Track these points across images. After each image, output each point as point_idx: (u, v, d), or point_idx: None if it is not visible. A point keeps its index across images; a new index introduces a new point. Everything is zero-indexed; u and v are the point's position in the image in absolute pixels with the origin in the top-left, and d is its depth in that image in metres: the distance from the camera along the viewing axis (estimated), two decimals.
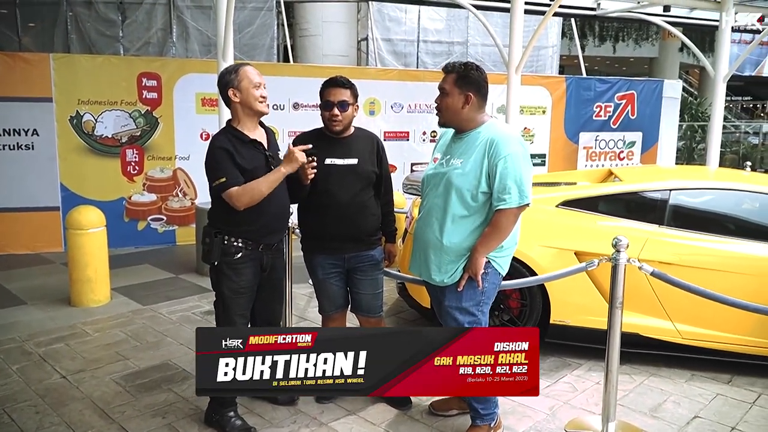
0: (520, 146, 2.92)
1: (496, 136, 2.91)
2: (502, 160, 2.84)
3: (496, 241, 2.93)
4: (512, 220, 2.90)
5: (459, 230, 2.95)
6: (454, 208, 2.95)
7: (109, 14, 10.76)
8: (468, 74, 2.96)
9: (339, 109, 3.21)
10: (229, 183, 2.96)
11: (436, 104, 3.06)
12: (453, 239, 2.95)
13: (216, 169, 3.00)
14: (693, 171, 6.24)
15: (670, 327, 4.00)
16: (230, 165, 2.98)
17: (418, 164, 8.67)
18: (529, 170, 2.93)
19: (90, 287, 5.22)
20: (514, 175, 2.84)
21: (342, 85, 3.24)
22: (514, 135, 2.97)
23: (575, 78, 10.04)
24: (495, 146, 2.87)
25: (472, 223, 2.95)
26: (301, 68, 8.73)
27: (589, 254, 3.81)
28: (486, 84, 3.02)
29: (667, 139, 10.51)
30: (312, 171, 3.10)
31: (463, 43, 12.26)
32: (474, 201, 2.93)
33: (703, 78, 25.11)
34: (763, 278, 3.87)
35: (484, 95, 3.01)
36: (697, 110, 16.05)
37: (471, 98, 2.95)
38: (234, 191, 2.96)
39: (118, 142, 7.29)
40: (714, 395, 3.74)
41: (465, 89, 2.95)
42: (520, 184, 2.85)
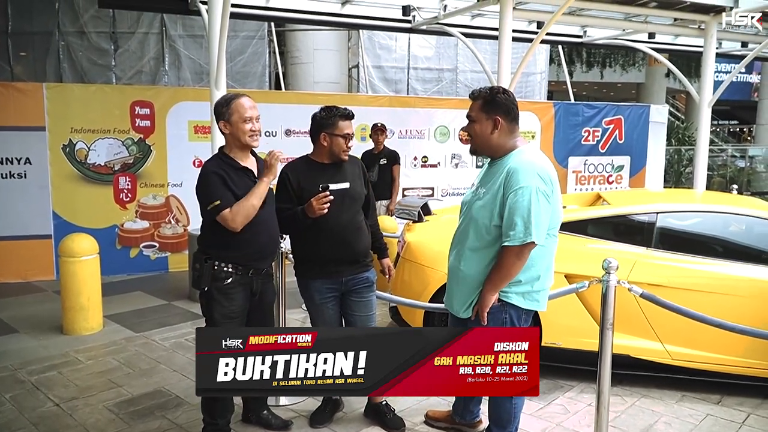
0: (538, 179, 2.77)
1: (517, 165, 2.79)
2: (512, 194, 2.74)
3: (500, 279, 2.83)
4: (514, 258, 2.77)
5: (475, 262, 2.91)
6: (470, 239, 2.93)
7: (101, 43, 10.89)
8: (494, 98, 2.89)
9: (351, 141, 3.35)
10: (223, 205, 3.00)
11: (466, 132, 3.02)
12: (470, 270, 2.92)
13: (209, 193, 3.04)
14: (680, 194, 6.34)
15: (660, 348, 4.05)
16: (223, 188, 3.02)
17: (410, 189, 8.75)
18: (545, 207, 2.77)
19: (83, 315, 5.21)
20: (522, 210, 2.72)
21: (352, 118, 3.35)
22: (536, 166, 2.82)
23: (563, 103, 10.20)
24: (510, 177, 2.77)
25: (486, 256, 2.88)
26: (294, 96, 8.84)
27: (578, 276, 3.86)
28: (515, 106, 2.92)
29: (655, 162, 10.65)
30: (326, 207, 3.14)
31: (453, 69, 12.45)
32: (488, 234, 2.86)
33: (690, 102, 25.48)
34: (750, 299, 3.94)
35: (513, 118, 2.91)
36: (684, 134, 16.28)
37: (500, 122, 2.88)
38: (228, 213, 2.99)
39: (111, 170, 7.33)
40: (704, 415, 3.77)
41: (492, 114, 2.88)
42: (527, 220, 2.71)
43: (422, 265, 4.44)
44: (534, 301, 2.97)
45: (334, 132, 3.31)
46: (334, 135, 3.31)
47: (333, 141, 3.32)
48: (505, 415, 3.09)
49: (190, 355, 4.75)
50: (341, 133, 3.30)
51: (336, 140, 3.31)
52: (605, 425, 3.22)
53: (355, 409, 3.73)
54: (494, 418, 3.14)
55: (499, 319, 2.93)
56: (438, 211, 5.34)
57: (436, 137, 8.96)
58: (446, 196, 8.90)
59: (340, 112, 3.34)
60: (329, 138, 3.32)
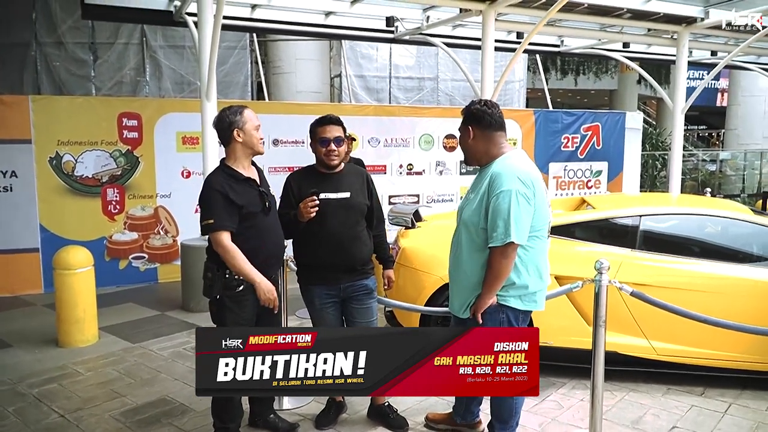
0: (519, 182, 2.91)
1: (500, 170, 2.97)
2: (495, 197, 2.91)
3: (492, 280, 2.96)
4: (499, 258, 2.91)
5: (471, 264, 3.06)
6: (464, 242, 3.09)
7: (80, 54, 10.85)
8: (469, 109, 3.12)
9: (335, 145, 3.40)
10: (215, 226, 3.11)
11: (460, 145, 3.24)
12: (467, 273, 3.07)
13: (207, 209, 3.15)
14: (659, 198, 6.59)
15: (646, 344, 4.24)
16: (220, 208, 3.12)
17: (396, 197, 8.90)
18: (525, 208, 2.90)
19: (78, 327, 5.24)
20: (503, 212, 2.87)
21: (335, 122, 3.45)
22: (518, 170, 2.97)
23: (543, 111, 10.47)
24: (494, 182, 2.95)
25: (481, 258, 3.02)
26: (280, 105, 8.95)
27: (568, 278, 4.04)
28: (487, 115, 3.07)
29: (631, 167, 10.97)
30: (313, 210, 3.27)
31: (434, 78, 12.67)
32: (478, 237, 3.02)
33: (661, 108, 26.13)
34: (727, 296, 4.15)
35: (487, 126, 3.06)
36: (657, 140, 16.70)
37: (471, 130, 3.08)
38: (217, 235, 3.10)
39: (99, 182, 7.35)
40: (689, 407, 3.97)
41: (466, 123, 3.11)
42: (507, 221, 2.86)
43: (417, 269, 4.58)
44: (532, 302, 3.11)
45: (315, 138, 3.45)
46: (315, 141, 3.45)
47: (316, 148, 3.46)
48: (506, 411, 3.23)
49: (189, 363, 4.82)
50: (317, 137, 3.43)
51: (316, 146, 3.45)
52: (599, 418, 3.39)
53: (359, 411, 3.85)
54: (496, 414, 3.28)
55: (497, 319, 3.07)
56: (428, 217, 5.49)
57: (420, 145, 9.13)
58: (431, 202, 9.07)
59: (318, 118, 3.48)
60: (314, 145, 3.47)
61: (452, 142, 9.31)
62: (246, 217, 3.18)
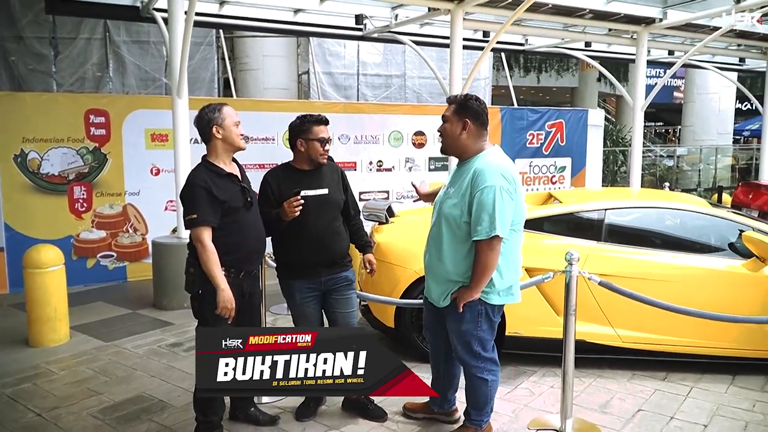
0: (502, 179, 3.02)
1: (483, 166, 3.07)
2: (479, 192, 3.00)
3: (481, 273, 3.05)
4: (486, 251, 3.01)
5: (451, 256, 3.16)
6: (445, 236, 3.18)
7: (40, 49, 10.62)
8: (467, 103, 3.19)
9: (329, 145, 3.54)
10: (197, 221, 3.15)
11: (439, 132, 3.30)
12: (447, 265, 3.17)
13: (190, 205, 3.19)
14: (622, 192, 6.82)
15: (612, 333, 4.43)
16: (204, 203, 3.16)
17: (366, 193, 8.98)
18: (508, 204, 3.02)
19: (50, 326, 5.19)
20: (488, 207, 2.97)
21: (327, 123, 3.55)
22: (501, 167, 3.08)
23: (509, 108, 10.67)
24: (477, 177, 3.05)
25: (462, 250, 3.13)
26: (250, 103, 8.93)
27: (538, 270, 4.19)
28: (484, 113, 3.20)
29: (594, 163, 11.27)
30: (297, 210, 3.34)
31: (401, 75, 12.78)
32: (459, 230, 3.12)
33: (620, 105, 26.75)
34: (687, 284, 4.37)
35: (482, 124, 3.19)
36: (618, 136, 17.14)
37: (468, 125, 3.16)
38: (198, 231, 3.14)
39: (65, 180, 7.25)
40: (653, 390, 4.17)
41: (463, 116, 3.17)
42: (492, 215, 2.96)
43: (392, 264, 4.68)
44: (509, 296, 3.25)
45: (309, 137, 3.51)
46: (309, 140, 3.51)
47: (309, 146, 3.52)
48: (481, 398, 3.36)
49: (165, 361, 4.83)
50: (316, 137, 3.50)
51: (312, 144, 3.51)
52: (570, 403, 3.55)
53: (338, 403, 3.93)
54: (471, 401, 3.41)
55: (475, 310, 3.20)
56: (401, 212, 5.60)
57: (390, 142, 9.23)
58: (402, 199, 9.18)
59: (314, 117, 3.55)
60: (305, 143, 3.52)
61: (421, 139, 9.43)
62: (228, 212, 3.23)
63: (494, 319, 3.25)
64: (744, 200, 8.94)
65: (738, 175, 18.12)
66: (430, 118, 9.37)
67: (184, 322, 5.73)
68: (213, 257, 3.15)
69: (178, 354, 4.97)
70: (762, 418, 3.78)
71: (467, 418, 3.44)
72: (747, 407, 3.94)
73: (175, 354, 4.97)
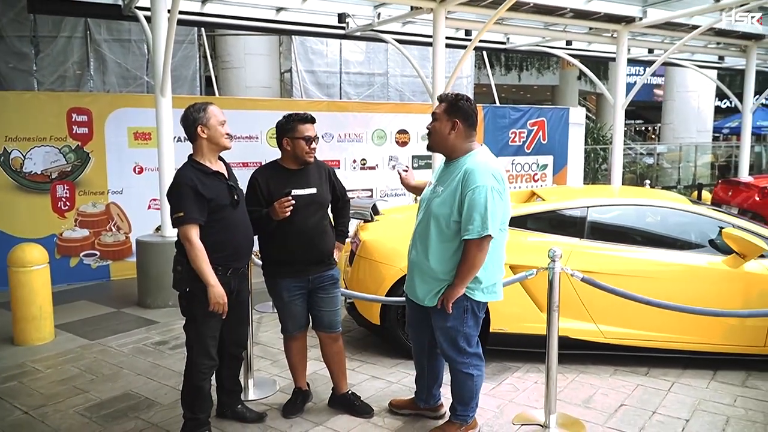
0: (492, 179, 3.06)
1: (473, 166, 3.09)
2: (470, 192, 3.03)
3: (468, 271, 3.09)
4: (476, 250, 3.05)
5: (439, 255, 3.18)
6: (433, 234, 3.20)
7: (21, 48, 10.54)
8: (458, 103, 3.21)
9: (315, 143, 3.55)
10: (184, 219, 3.16)
11: (428, 129, 3.32)
12: (434, 263, 3.19)
13: (177, 203, 3.20)
14: (603, 190, 6.91)
15: (594, 328, 4.50)
16: (191, 201, 3.17)
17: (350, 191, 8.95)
18: (499, 204, 3.06)
19: (35, 325, 5.17)
20: (479, 206, 3.00)
21: (313, 122, 3.56)
22: (490, 167, 3.10)
23: (491, 107, 10.75)
24: (468, 177, 3.07)
25: (450, 249, 3.16)
26: (234, 101, 8.91)
27: (522, 267, 4.24)
28: (474, 114, 3.24)
29: (575, 161, 11.40)
30: (288, 210, 3.37)
31: (384, 74, 12.81)
32: (448, 229, 3.15)
33: (601, 104, 27.03)
34: (668, 281, 4.45)
35: (471, 124, 3.22)
36: (598, 134, 17.32)
37: (458, 125, 3.19)
38: (185, 229, 3.14)
39: (48, 178, 7.20)
40: (635, 386, 4.25)
41: (453, 116, 3.20)
42: (483, 215, 2.99)
43: (377, 261, 4.71)
44: (492, 294, 3.29)
45: (295, 135, 3.53)
46: (295, 138, 3.53)
47: (295, 144, 3.54)
48: (467, 394, 3.41)
49: (151, 359, 4.83)
50: (301, 135, 3.52)
51: (297, 143, 3.53)
52: (553, 398, 3.61)
53: (325, 399, 3.96)
54: (457, 397, 3.45)
55: (461, 306, 3.24)
56: (385, 210, 5.64)
57: (373, 140, 9.26)
58: (386, 197, 9.22)
59: (300, 116, 3.57)
60: (291, 142, 3.55)
61: (404, 138, 9.47)
62: (215, 210, 3.24)
63: (479, 315, 3.30)
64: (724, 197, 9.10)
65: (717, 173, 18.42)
66: (413, 116, 9.41)
67: (169, 320, 5.73)
68: (201, 254, 3.16)
69: (164, 352, 4.97)
70: (743, 413, 3.86)
71: (453, 413, 3.49)
72: (728, 402, 4.01)
73: (161, 352, 4.97)
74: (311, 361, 4.25)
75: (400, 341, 4.66)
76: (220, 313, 3.23)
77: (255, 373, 4.33)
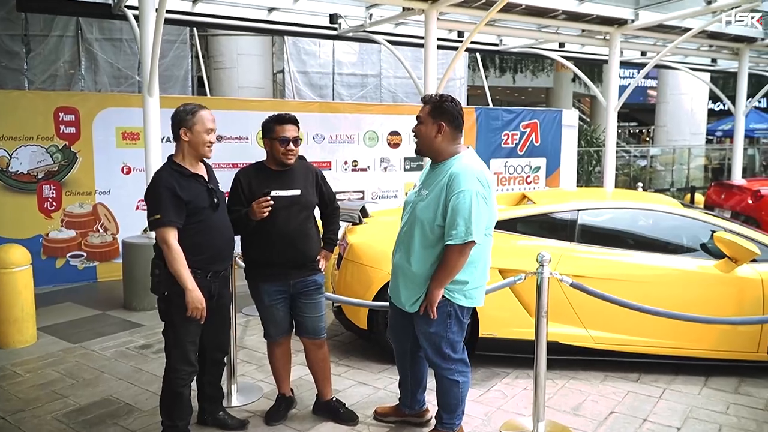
0: (478, 183, 2.99)
1: (457, 170, 3.02)
2: (454, 196, 2.96)
3: (446, 275, 3.03)
4: (457, 256, 2.98)
5: (422, 259, 3.11)
6: (417, 238, 3.12)
7: (12, 46, 10.47)
8: (442, 105, 3.13)
9: (294, 144, 3.45)
10: (161, 222, 3.09)
11: (414, 132, 3.25)
12: (417, 267, 3.12)
13: (154, 205, 3.13)
14: (595, 193, 6.86)
15: (585, 334, 4.44)
16: (168, 204, 3.10)
17: (341, 193, 8.92)
18: (483, 208, 2.99)
19: (17, 327, 5.07)
20: (464, 211, 2.93)
21: (294, 122, 3.48)
22: (476, 171, 3.03)
23: (484, 108, 10.68)
24: (452, 181, 3.00)
25: (433, 254, 3.09)
26: (225, 101, 8.82)
27: (511, 271, 4.17)
28: (460, 115, 3.16)
29: (568, 163, 11.34)
30: (266, 210, 3.29)
31: (377, 75, 12.75)
32: (432, 233, 3.07)
33: (594, 106, 27.03)
34: (659, 285, 4.39)
35: (457, 126, 3.15)
36: (592, 136, 17.30)
37: (443, 127, 3.11)
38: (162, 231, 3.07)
39: (35, 178, 7.09)
40: (626, 392, 4.18)
41: (438, 119, 3.12)
42: (468, 220, 2.92)
43: (365, 265, 4.64)
44: (472, 299, 3.20)
45: (272, 136, 3.46)
46: (272, 139, 3.46)
47: (272, 145, 3.47)
48: (453, 401, 3.34)
49: (133, 363, 4.74)
50: (277, 136, 3.44)
51: (274, 144, 3.46)
52: (542, 405, 3.54)
53: (309, 406, 3.88)
54: (443, 404, 3.38)
55: (444, 312, 3.16)
56: (375, 213, 5.56)
57: (365, 142, 9.18)
58: (377, 199, 9.14)
59: (277, 117, 3.50)
60: (269, 143, 3.48)
61: (396, 139, 9.40)
62: (193, 213, 3.17)
63: (464, 320, 3.23)
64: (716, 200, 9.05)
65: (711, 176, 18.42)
66: (405, 118, 9.34)
67: (154, 323, 5.63)
68: (179, 258, 3.08)
69: (147, 356, 4.89)
70: (735, 421, 3.79)
71: (438, 421, 3.42)
72: (721, 409, 3.95)
73: (144, 356, 4.88)
74: (297, 366, 4.19)
75: (388, 346, 4.58)
76: (199, 318, 3.15)
77: (239, 378, 4.24)
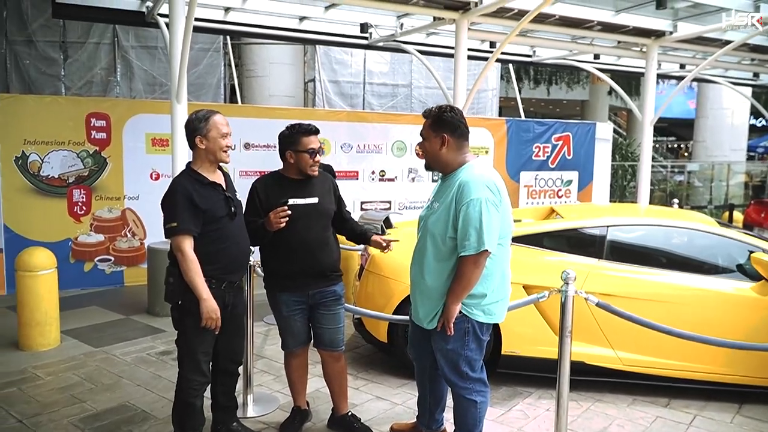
0: (487, 191, 2.91)
1: (467, 179, 2.94)
2: (464, 206, 2.88)
3: (462, 289, 2.93)
4: (472, 267, 2.89)
5: (436, 273, 3.02)
6: (429, 251, 3.04)
7: (50, 53, 10.70)
8: (441, 116, 3.05)
9: (319, 155, 3.43)
10: (178, 230, 3.05)
11: (417, 151, 3.20)
12: (432, 281, 3.03)
13: (171, 213, 3.09)
14: (627, 208, 6.67)
15: (612, 354, 4.27)
16: (185, 211, 3.06)
17: (368, 203, 8.87)
18: (495, 216, 2.90)
19: (39, 330, 5.11)
20: (474, 220, 2.85)
21: (317, 133, 3.45)
22: (485, 179, 2.96)
23: (515, 120, 10.54)
24: (462, 191, 2.92)
25: (447, 268, 2.99)
26: (253, 109, 8.86)
27: (536, 287, 4.05)
28: (462, 123, 3.06)
29: (601, 177, 11.10)
30: (284, 221, 3.24)
31: (407, 85, 12.70)
32: (444, 246, 2.98)
33: (631, 120, 26.56)
34: (692, 306, 4.21)
35: (461, 135, 3.05)
36: (627, 150, 16.95)
37: (446, 139, 3.03)
38: (178, 239, 3.03)
39: (65, 183, 7.20)
40: (654, 418, 4.00)
41: (440, 131, 3.04)
42: (479, 229, 2.84)
43: (386, 277, 4.56)
44: (492, 315, 3.08)
45: (298, 148, 3.41)
46: (299, 151, 3.41)
47: (298, 157, 3.42)
48: (470, 421, 3.22)
49: (153, 369, 4.73)
50: (305, 148, 3.40)
51: (301, 156, 3.42)
52: (564, 428, 3.39)
53: (323, 420, 3.81)
54: (460, 423, 3.26)
55: (462, 328, 3.05)
56: (399, 224, 5.48)
57: (393, 152, 9.13)
58: (404, 209, 9.06)
59: (302, 128, 3.44)
60: (294, 155, 3.43)
61: None
62: (210, 221, 3.13)
63: (483, 337, 3.11)
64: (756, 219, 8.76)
65: (751, 193, 17.87)
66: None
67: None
68: (194, 266, 3.04)
69: (167, 363, 4.87)
70: None
71: None
72: None
73: (164, 363, 4.87)
74: (314, 378, 4.12)
75: (408, 360, 4.47)
76: (213, 329, 3.10)
77: (255, 388, 4.19)
